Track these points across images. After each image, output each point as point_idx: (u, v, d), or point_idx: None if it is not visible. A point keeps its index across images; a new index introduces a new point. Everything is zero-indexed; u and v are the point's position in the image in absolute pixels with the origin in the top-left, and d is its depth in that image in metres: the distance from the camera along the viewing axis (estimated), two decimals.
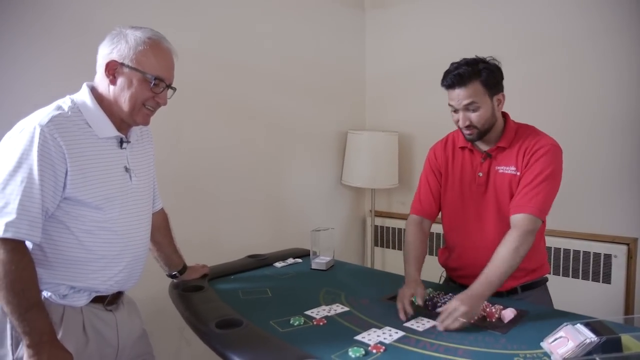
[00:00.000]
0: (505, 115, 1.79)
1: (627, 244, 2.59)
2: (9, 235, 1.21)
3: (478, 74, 1.64)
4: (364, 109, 3.72)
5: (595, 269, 2.67)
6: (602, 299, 2.59)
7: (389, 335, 1.41)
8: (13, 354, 1.30)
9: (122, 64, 1.36)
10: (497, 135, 1.75)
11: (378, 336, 1.41)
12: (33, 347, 1.23)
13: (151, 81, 1.38)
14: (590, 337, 1.25)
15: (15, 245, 1.23)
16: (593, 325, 1.32)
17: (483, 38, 2.99)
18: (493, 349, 1.34)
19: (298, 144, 3.19)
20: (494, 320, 1.53)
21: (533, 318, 1.55)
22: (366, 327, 1.47)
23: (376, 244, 3.61)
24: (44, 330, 1.25)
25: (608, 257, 2.64)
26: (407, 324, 1.50)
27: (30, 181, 1.23)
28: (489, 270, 1.56)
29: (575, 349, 1.24)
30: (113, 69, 1.37)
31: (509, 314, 1.54)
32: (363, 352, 1.30)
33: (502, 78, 1.72)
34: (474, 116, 1.66)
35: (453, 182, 1.86)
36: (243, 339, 1.37)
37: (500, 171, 1.73)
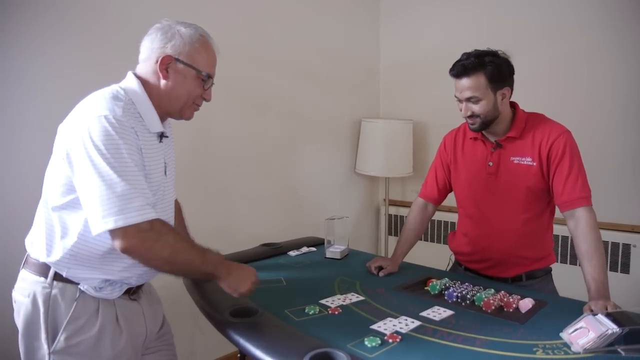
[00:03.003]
0: (514, 105, 1.80)
1: None
2: (149, 217, 1.21)
3: (483, 67, 1.66)
4: (378, 97, 3.68)
5: (614, 258, 2.63)
6: (620, 289, 2.51)
7: (405, 324, 1.40)
8: (49, 347, 1.28)
9: (177, 60, 1.35)
10: (506, 125, 1.77)
11: (394, 325, 1.39)
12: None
13: (204, 78, 1.39)
14: (612, 327, 1.23)
15: (159, 225, 1.25)
16: (615, 316, 1.30)
17: (500, 25, 2.94)
18: (511, 339, 1.31)
19: (312, 132, 3.17)
20: (511, 310, 1.51)
21: (551, 308, 1.53)
22: (382, 317, 1.46)
23: (390, 233, 3.59)
24: (222, 261, 1.40)
25: (627, 246, 2.60)
26: (424, 314, 1.48)
27: (125, 166, 1.21)
28: (593, 271, 1.56)
29: (596, 340, 1.22)
30: (166, 64, 1.35)
31: (526, 304, 1.52)
32: (379, 342, 1.29)
33: (510, 72, 1.73)
34: (475, 107, 1.70)
35: (464, 171, 1.89)
36: (258, 327, 1.36)
37: (516, 162, 1.75)
